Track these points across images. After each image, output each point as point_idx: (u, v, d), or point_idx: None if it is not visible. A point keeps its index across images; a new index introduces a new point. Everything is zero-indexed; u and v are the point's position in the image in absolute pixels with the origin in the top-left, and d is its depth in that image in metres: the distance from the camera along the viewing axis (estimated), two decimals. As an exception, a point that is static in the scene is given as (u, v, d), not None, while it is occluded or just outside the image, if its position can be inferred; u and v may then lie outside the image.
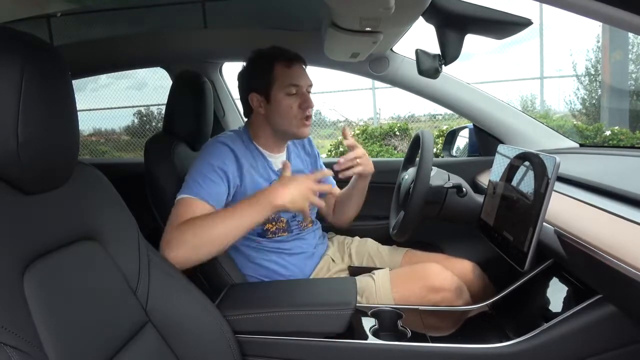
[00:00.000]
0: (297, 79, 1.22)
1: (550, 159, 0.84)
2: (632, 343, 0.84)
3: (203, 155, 1.17)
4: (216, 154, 1.16)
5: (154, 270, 0.89)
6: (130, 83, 7.89)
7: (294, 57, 1.24)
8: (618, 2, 0.58)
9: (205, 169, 1.13)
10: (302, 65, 1.26)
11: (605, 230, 0.77)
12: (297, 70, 1.23)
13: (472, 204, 1.23)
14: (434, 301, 1.12)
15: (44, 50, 0.69)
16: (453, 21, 1.10)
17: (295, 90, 1.22)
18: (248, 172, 1.20)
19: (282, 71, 1.22)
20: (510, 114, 1.63)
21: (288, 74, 1.22)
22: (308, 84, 1.25)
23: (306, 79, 1.25)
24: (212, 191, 1.11)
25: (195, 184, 1.11)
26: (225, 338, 0.95)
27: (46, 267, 0.67)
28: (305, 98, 1.23)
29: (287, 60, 1.22)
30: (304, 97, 1.23)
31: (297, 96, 1.22)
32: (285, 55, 1.23)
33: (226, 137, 1.22)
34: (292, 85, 1.21)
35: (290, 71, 1.22)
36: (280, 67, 1.22)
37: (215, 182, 1.13)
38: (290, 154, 1.36)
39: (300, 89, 1.23)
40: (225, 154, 1.17)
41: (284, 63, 1.22)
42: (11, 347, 0.57)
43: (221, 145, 1.19)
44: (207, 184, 1.11)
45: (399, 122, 6.62)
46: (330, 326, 0.99)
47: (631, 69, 6.82)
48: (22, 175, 0.67)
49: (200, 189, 1.10)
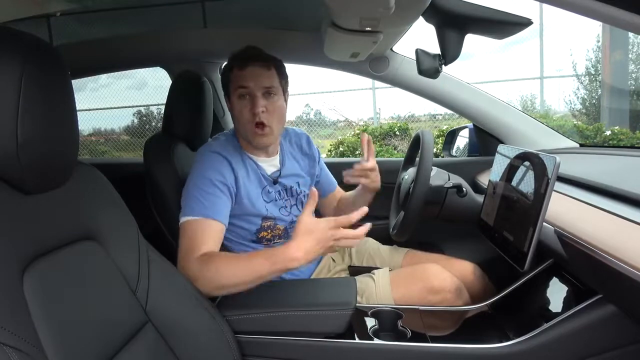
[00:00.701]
0: (247, 80, 1.15)
1: (551, 159, 0.84)
2: (632, 343, 0.84)
3: (199, 169, 1.14)
4: (212, 166, 1.13)
5: (153, 270, 0.89)
6: (130, 83, 7.90)
7: (250, 57, 1.16)
8: (618, 2, 0.58)
9: (204, 185, 1.10)
10: (260, 65, 1.16)
11: (605, 230, 0.77)
12: (251, 71, 1.15)
13: (472, 204, 1.23)
14: (434, 302, 1.12)
15: (43, 50, 0.69)
16: (453, 21, 1.10)
17: (245, 93, 1.15)
18: (242, 180, 1.17)
19: (236, 73, 1.17)
20: (510, 114, 1.63)
21: (239, 76, 1.16)
22: (263, 86, 1.15)
23: (259, 80, 1.15)
24: (216, 208, 1.09)
25: (198, 203, 1.08)
26: (225, 338, 0.95)
27: (46, 267, 0.67)
28: (254, 101, 1.15)
29: (241, 61, 1.16)
30: (253, 101, 1.15)
31: (247, 100, 1.16)
32: (241, 57, 1.17)
33: (218, 144, 1.19)
34: (240, 87, 1.15)
35: (242, 73, 1.16)
36: (236, 69, 1.17)
37: (217, 196, 1.10)
38: (284, 156, 1.31)
39: (250, 91, 1.15)
40: (220, 165, 1.14)
41: (238, 64, 1.17)
42: (10, 347, 0.57)
43: (215, 155, 1.15)
44: (210, 200, 1.09)
45: (399, 122, 6.62)
46: (330, 326, 0.99)
47: (631, 69, 6.82)
48: (22, 175, 0.67)
49: (205, 209, 1.08)
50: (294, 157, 1.36)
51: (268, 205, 1.23)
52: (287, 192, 1.29)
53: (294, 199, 1.31)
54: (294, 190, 1.31)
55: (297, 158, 1.36)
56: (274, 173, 1.27)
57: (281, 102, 1.20)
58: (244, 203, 1.17)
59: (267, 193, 1.24)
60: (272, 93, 1.17)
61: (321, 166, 1.46)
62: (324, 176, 1.47)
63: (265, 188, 1.23)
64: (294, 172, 1.33)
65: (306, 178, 1.37)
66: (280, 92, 1.20)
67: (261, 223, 1.21)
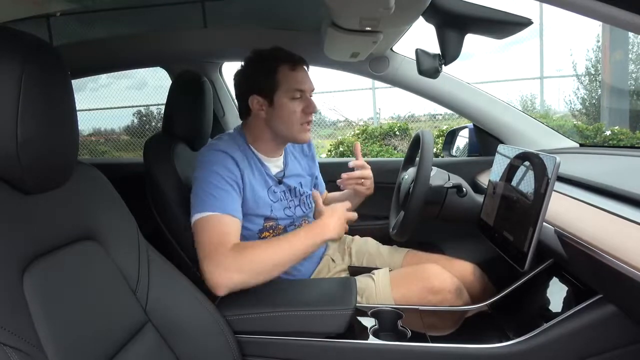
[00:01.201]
0: (302, 83, 1.19)
1: (551, 159, 0.83)
2: (632, 343, 0.84)
3: (206, 166, 1.13)
4: (219, 162, 1.13)
5: (153, 270, 0.89)
6: (130, 83, 7.90)
7: (299, 61, 1.21)
8: (618, 2, 0.58)
9: (215, 180, 1.10)
10: (305, 68, 1.23)
11: (605, 230, 0.77)
12: (302, 74, 1.20)
13: (472, 204, 1.23)
14: (434, 302, 1.12)
15: (43, 50, 0.68)
16: (453, 21, 1.10)
17: (300, 95, 1.19)
18: (248, 178, 1.17)
19: (287, 74, 1.18)
20: (510, 113, 1.62)
21: (293, 78, 1.18)
22: (311, 89, 1.22)
23: (310, 83, 1.22)
24: (231, 202, 1.10)
25: (212, 198, 1.08)
26: (225, 338, 0.95)
27: (46, 267, 0.67)
28: (309, 103, 1.20)
29: (292, 63, 1.19)
30: (307, 102, 1.20)
31: (301, 100, 1.19)
32: (290, 58, 1.20)
33: (222, 143, 1.18)
34: (297, 90, 1.18)
35: (295, 75, 1.19)
36: (285, 70, 1.18)
37: (229, 192, 1.11)
38: (287, 157, 1.32)
39: (304, 94, 1.20)
40: (227, 161, 1.14)
41: (288, 66, 1.18)
42: (10, 347, 0.57)
43: (220, 153, 1.15)
44: (223, 196, 1.09)
45: (399, 122, 6.62)
46: (330, 326, 0.99)
47: (631, 69, 6.82)
48: (22, 175, 0.67)
49: (220, 203, 1.08)
50: (295, 157, 1.36)
51: (274, 205, 1.23)
52: (291, 193, 1.29)
53: (297, 200, 1.31)
54: (298, 190, 1.31)
55: (298, 159, 1.37)
56: (278, 173, 1.27)
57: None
58: (249, 202, 1.17)
59: (273, 193, 1.24)
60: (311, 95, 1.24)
61: (316, 167, 1.46)
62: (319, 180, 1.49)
63: (271, 188, 1.23)
64: (296, 172, 1.33)
65: (307, 178, 1.37)
66: None
67: (264, 223, 1.21)
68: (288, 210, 1.27)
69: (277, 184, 1.26)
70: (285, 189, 1.28)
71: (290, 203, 1.28)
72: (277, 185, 1.26)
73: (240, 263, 1.00)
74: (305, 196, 1.34)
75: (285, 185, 1.28)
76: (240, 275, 1.00)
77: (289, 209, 1.27)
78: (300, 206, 1.31)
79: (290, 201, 1.28)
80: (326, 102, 7.41)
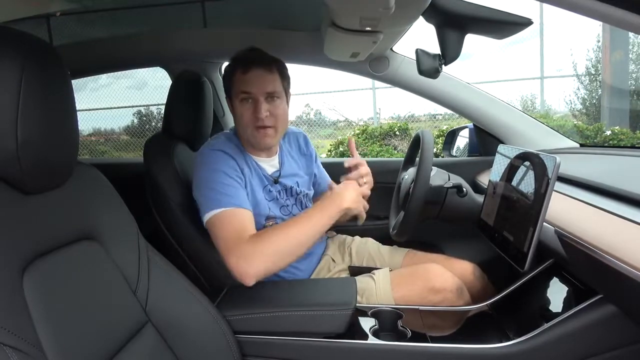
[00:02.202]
0: (250, 85, 1.16)
1: (551, 159, 0.83)
2: (632, 343, 0.84)
3: (208, 166, 1.14)
4: (220, 161, 1.14)
5: (153, 270, 0.89)
6: (130, 83, 7.89)
7: (253, 61, 1.16)
8: (618, 2, 0.58)
9: (220, 178, 1.11)
10: (263, 69, 1.16)
11: (605, 230, 0.77)
12: (253, 76, 1.16)
13: (472, 204, 1.23)
14: (435, 302, 1.12)
15: (43, 50, 0.68)
16: (453, 21, 1.10)
17: (247, 98, 1.16)
18: (247, 176, 1.19)
19: (239, 77, 1.17)
20: (511, 113, 1.62)
21: (242, 80, 1.16)
22: (266, 91, 1.16)
23: (263, 86, 1.16)
24: (239, 196, 1.11)
25: (221, 195, 1.09)
26: (225, 338, 0.95)
27: (46, 267, 0.67)
28: (257, 107, 1.16)
29: (243, 65, 1.17)
30: (256, 105, 1.16)
31: (250, 104, 1.17)
32: (244, 60, 1.18)
33: (220, 143, 1.19)
34: (243, 92, 1.16)
35: (244, 77, 1.16)
36: (239, 72, 1.17)
37: (236, 187, 1.12)
38: (283, 156, 1.32)
39: (253, 96, 1.16)
40: (227, 160, 1.15)
41: (241, 69, 1.17)
42: (10, 347, 0.57)
43: (219, 152, 1.16)
44: (230, 191, 1.10)
45: (399, 122, 6.62)
46: (330, 326, 0.99)
47: (631, 69, 6.82)
48: (22, 175, 0.67)
49: (229, 198, 1.09)
50: (292, 156, 1.36)
51: (270, 204, 1.23)
52: (287, 192, 1.30)
53: (294, 199, 1.31)
54: (294, 190, 1.31)
55: (295, 158, 1.37)
56: (274, 173, 1.28)
57: (283, 105, 1.21)
58: (249, 196, 1.18)
59: (268, 192, 1.24)
60: (275, 97, 1.18)
61: (318, 165, 1.46)
62: (321, 177, 1.47)
63: (266, 187, 1.24)
64: (293, 172, 1.33)
65: (305, 177, 1.37)
66: (283, 95, 1.21)
67: (264, 223, 1.21)
68: (285, 209, 1.27)
69: (273, 184, 1.26)
70: (281, 189, 1.28)
71: (287, 202, 1.29)
72: (273, 185, 1.26)
73: (263, 250, 1.01)
74: (303, 195, 1.33)
75: (281, 185, 1.28)
76: (265, 262, 1.01)
77: (286, 207, 1.28)
78: (296, 205, 1.31)
79: (287, 200, 1.29)
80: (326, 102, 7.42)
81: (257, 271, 1.01)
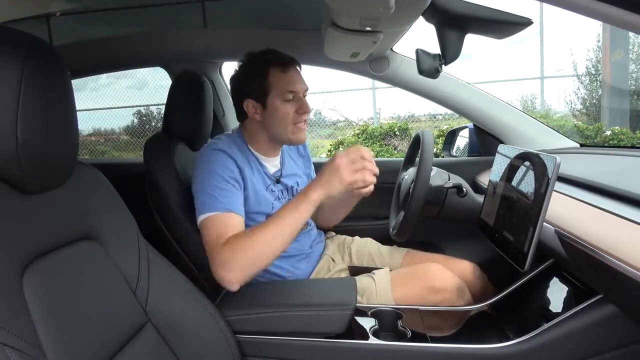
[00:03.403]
0: (294, 84, 1.18)
1: (551, 159, 0.83)
2: (632, 343, 0.84)
3: (205, 167, 1.14)
4: (219, 163, 1.14)
5: (153, 270, 0.89)
6: (130, 83, 7.90)
7: (289, 61, 1.20)
8: (618, 2, 0.58)
9: (214, 180, 1.11)
10: (297, 68, 1.22)
11: (605, 230, 0.77)
12: (293, 74, 1.19)
13: (472, 204, 1.23)
14: (435, 302, 1.12)
15: (43, 50, 0.68)
16: (453, 21, 1.10)
17: (293, 96, 1.18)
18: (248, 176, 1.18)
19: (278, 77, 1.17)
20: (510, 114, 1.62)
21: (284, 80, 1.18)
22: (304, 89, 1.21)
23: (302, 84, 1.21)
24: (232, 201, 1.10)
25: (213, 199, 1.09)
26: (225, 338, 0.95)
27: (46, 267, 0.67)
28: (302, 103, 1.20)
29: (282, 65, 1.18)
30: (300, 103, 1.20)
31: (294, 102, 1.19)
32: (280, 60, 1.19)
33: (221, 143, 1.18)
34: (289, 91, 1.17)
35: (286, 76, 1.18)
36: (276, 72, 1.18)
37: (231, 191, 1.11)
38: (284, 157, 1.33)
39: (297, 95, 1.19)
40: (226, 160, 1.14)
41: (279, 68, 1.18)
42: (10, 347, 0.57)
43: (220, 152, 1.15)
44: (224, 195, 1.10)
45: (399, 122, 6.61)
46: (330, 326, 0.99)
47: (632, 69, 6.83)
48: (22, 175, 0.67)
49: (220, 203, 1.08)
50: (291, 157, 1.38)
51: (275, 203, 1.23)
52: (288, 192, 1.30)
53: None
54: (295, 190, 1.32)
55: (294, 159, 1.39)
56: (275, 172, 1.28)
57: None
58: (251, 200, 1.18)
59: (271, 191, 1.25)
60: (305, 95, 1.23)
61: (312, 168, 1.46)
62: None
63: (269, 186, 1.25)
64: (293, 172, 1.34)
65: (303, 178, 1.38)
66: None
67: None
68: None
69: (275, 183, 1.27)
70: (282, 188, 1.29)
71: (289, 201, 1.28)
72: (275, 184, 1.27)
73: (238, 257, 1.00)
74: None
75: (282, 185, 1.29)
76: (242, 269, 1.00)
77: None
78: None
79: (288, 199, 1.29)
80: (326, 102, 7.42)
81: (235, 278, 1.00)
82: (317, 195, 1.02)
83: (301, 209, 1.02)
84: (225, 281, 1.00)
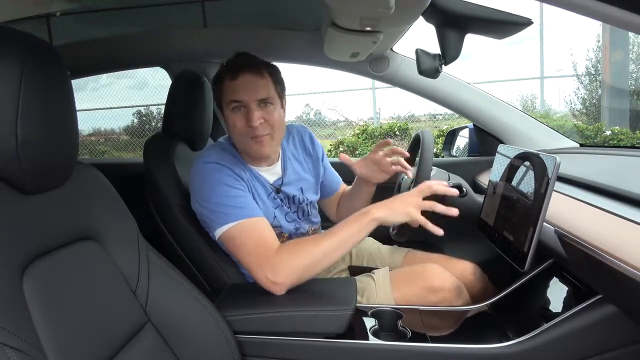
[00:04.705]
0: (240, 92, 1.09)
1: (551, 159, 0.83)
2: (632, 343, 0.84)
3: (207, 180, 1.09)
4: (222, 174, 1.09)
5: (153, 270, 0.89)
6: (130, 83, 7.90)
7: (242, 66, 1.10)
8: (618, 2, 0.58)
9: (223, 191, 1.07)
10: (252, 74, 1.10)
11: (605, 230, 0.77)
12: (241, 82, 1.09)
13: (472, 204, 1.23)
14: (434, 301, 1.12)
15: (43, 50, 0.68)
16: (453, 21, 1.10)
17: (238, 106, 1.10)
18: (250, 184, 1.16)
19: (227, 85, 1.11)
20: (511, 113, 1.62)
21: (231, 88, 1.10)
22: (257, 97, 1.09)
23: (254, 92, 1.09)
24: (249, 205, 1.08)
25: (230, 208, 1.05)
26: (225, 338, 0.95)
27: (45, 267, 0.67)
28: (249, 115, 1.09)
29: (232, 71, 1.10)
30: (248, 113, 1.09)
31: (242, 113, 1.10)
32: (232, 66, 1.11)
33: (213, 155, 1.13)
34: (233, 100, 1.10)
35: (233, 84, 1.10)
36: (227, 80, 1.11)
37: (244, 196, 1.09)
38: (285, 162, 1.27)
39: (244, 104, 1.09)
40: (227, 172, 1.11)
41: (229, 75, 1.10)
42: (10, 347, 0.57)
43: (215, 165, 1.11)
44: (240, 202, 1.07)
45: (399, 122, 6.62)
46: (330, 326, 0.99)
47: (631, 69, 6.82)
48: (22, 175, 0.67)
49: (241, 210, 1.06)
50: (296, 159, 1.31)
51: (276, 211, 1.21)
52: (289, 201, 1.27)
53: (296, 207, 1.29)
54: (297, 199, 1.28)
55: (300, 160, 1.32)
56: (276, 182, 1.24)
57: (278, 111, 1.14)
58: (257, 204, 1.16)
59: (272, 199, 1.22)
60: (268, 103, 1.11)
61: (325, 165, 1.41)
62: (328, 175, 1.43)
63: (270, 194, 1.22)
64: (297, 177, 1.29)
65: (310, 181, 1.33)
66: (277, 100, 1.14)
67: None
68: (289, 216, 1.26)
69: (276, 193, 1.23)
70: (283, 197, 1.25)
71: (290, 209, 1.27)
72: (276, 194, 1.23)
73: (294, 263, 1.00)
74: (306, 204, 1.30)
75: (283, 194, 1.24)
76: (295, 275, 1.01)
77: (289, 214, 1.26)
78: (297, 213, 1.29)
79: (289, 207, 1.26)
80: (326, 102, 7.43)
81: (290, 281, 1.01)
82: (381, 214, 0.99)
83: (362, 224, 1.00)
84: (277, 283, 1.00)
